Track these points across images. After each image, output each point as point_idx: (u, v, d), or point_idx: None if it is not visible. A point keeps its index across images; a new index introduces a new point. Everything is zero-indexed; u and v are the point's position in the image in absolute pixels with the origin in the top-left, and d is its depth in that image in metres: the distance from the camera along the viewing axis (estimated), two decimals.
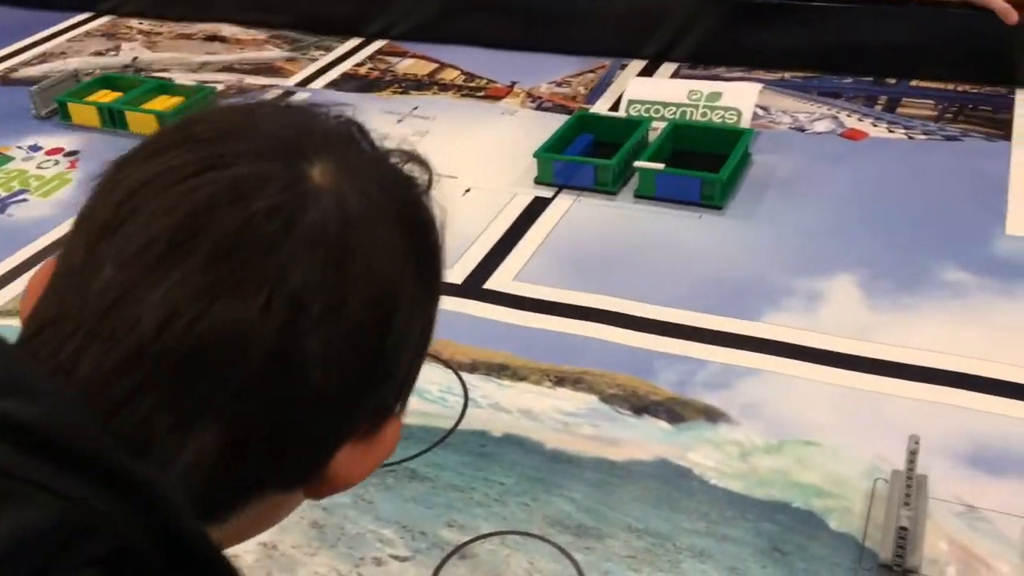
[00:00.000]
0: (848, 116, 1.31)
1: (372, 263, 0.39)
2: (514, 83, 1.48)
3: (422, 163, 0.45)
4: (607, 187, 1.18)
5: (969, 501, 0.72)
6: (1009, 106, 1.29)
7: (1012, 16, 1.27)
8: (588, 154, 1.25)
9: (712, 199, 1.13)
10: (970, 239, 1.04)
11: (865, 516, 0.72)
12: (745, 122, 1.24)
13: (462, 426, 0.83)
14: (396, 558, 0.70)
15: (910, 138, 1.26)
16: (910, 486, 0.69)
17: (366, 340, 0.39)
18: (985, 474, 0.75)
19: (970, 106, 1.31)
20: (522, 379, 0.88)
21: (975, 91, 1.34)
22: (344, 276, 0.38)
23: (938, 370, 0.85)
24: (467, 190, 1.21)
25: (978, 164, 1.18)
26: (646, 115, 1.29)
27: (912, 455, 0.71)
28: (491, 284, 1.02)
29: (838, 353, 0.88)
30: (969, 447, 0.77)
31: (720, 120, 1.26)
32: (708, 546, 0.70)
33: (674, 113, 1.28)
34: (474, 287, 1.01)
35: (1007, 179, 1.14)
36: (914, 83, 1.38)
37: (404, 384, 0.44)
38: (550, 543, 0.71)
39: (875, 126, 1.29)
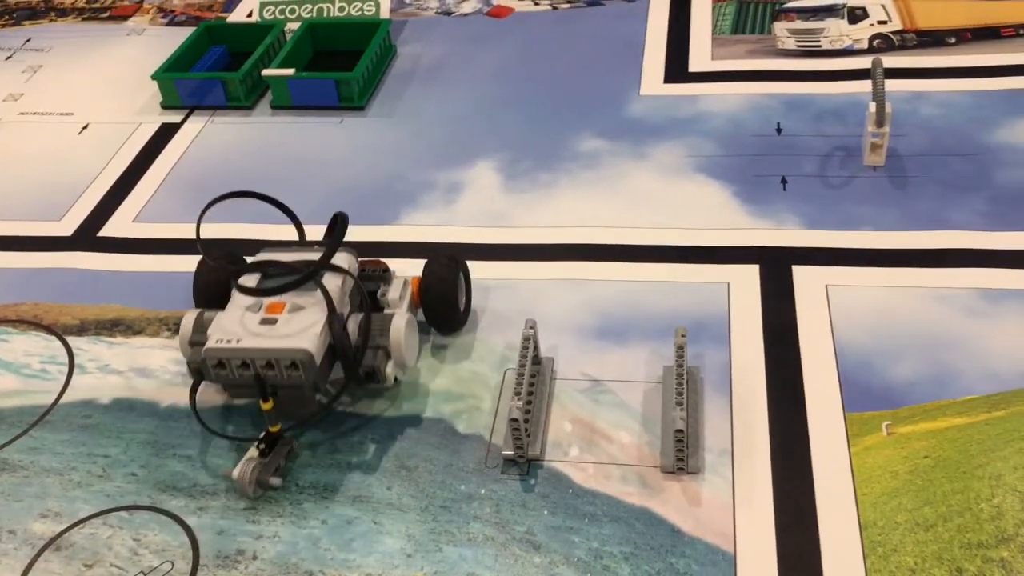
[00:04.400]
0: None
1: None
2: None
3: None
4: (240, 102, 1.08)
5: (595, 375, 0.72)
6: None
7: None
8: (222, 68, 1.15)
9: (352, 100, 1.06)
10: (609, 105, 1.03)
11: (494, 412, 0.70)
12: (384, 12, 1.17)
13: (65, 399, 0.74)
14: None
15: (554, 8, 1.23)
16: (522, 374, 0.67)
17: None
18: (611, 345, 0.74)
19: None
20: (137, 333, 0.79)
21: None
22: None
23: (571, 245, 0.84)
24: (84, 127, 1.08)
25: (619, 28, 1.17)
26: (281, 17, 1.19)
27: (527, 340, 0.69)
28: (107, 231, 0.91)
29: (474, 244, 0.85)
30: (597, 320, 0.76)
31: (359, 13, 1.18)
32: (333, 479, 0.66)
33: (310, 12, 1.19)
34: (86, 237, 0.90)
35: (644, 40, 1.14)
36: None
37: None
38: (160, 511, 0.64)
39: (521, 0, 1.25)
